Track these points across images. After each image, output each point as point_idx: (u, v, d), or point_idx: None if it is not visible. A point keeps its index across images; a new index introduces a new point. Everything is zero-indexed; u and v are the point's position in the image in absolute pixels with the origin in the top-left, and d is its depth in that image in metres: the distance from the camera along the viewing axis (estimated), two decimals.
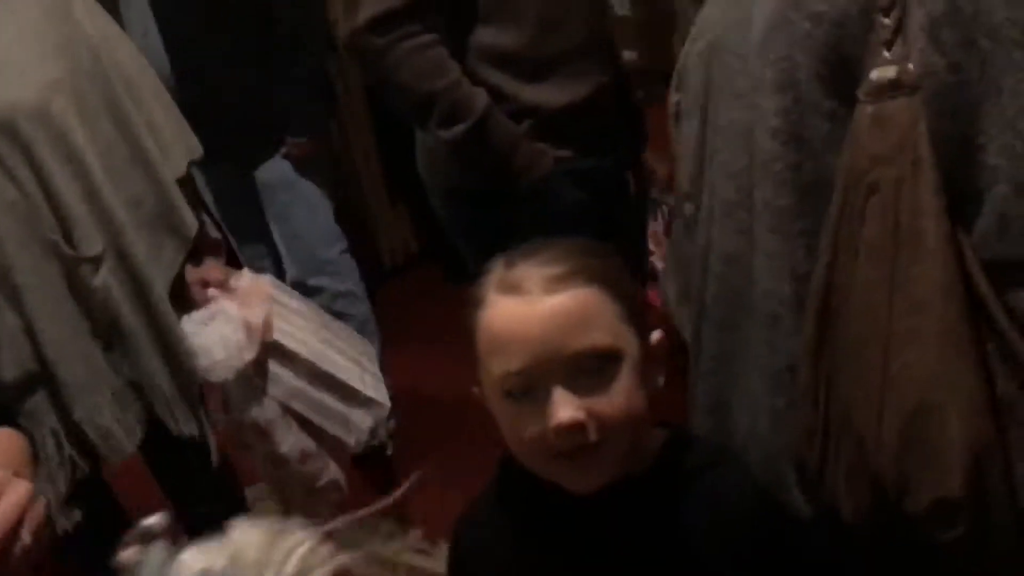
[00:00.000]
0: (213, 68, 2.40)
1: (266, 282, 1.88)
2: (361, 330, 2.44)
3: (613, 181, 1.87)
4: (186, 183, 1.77)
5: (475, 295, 0.94)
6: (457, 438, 2.43)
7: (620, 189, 1.91)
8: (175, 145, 1.74)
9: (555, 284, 0.89)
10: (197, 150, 1.81)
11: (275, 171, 2.49)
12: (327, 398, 1.81)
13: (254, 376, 1.74)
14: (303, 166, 2.48)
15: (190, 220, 1.71)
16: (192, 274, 1.75)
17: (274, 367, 1.76)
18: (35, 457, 1.14)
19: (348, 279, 2.56)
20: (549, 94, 1.73)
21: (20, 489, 0.85)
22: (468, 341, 0.95)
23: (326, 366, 1.78)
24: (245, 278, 1.85)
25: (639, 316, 0.94)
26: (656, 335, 0.96)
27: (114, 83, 1.62)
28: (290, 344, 1.75)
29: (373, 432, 1.92)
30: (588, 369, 0.88)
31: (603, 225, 1.78)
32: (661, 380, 0.97)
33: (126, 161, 1.63)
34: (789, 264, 0.96)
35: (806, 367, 0.94)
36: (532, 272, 0.90)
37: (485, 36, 1.71)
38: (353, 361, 1.89)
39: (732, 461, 1.01)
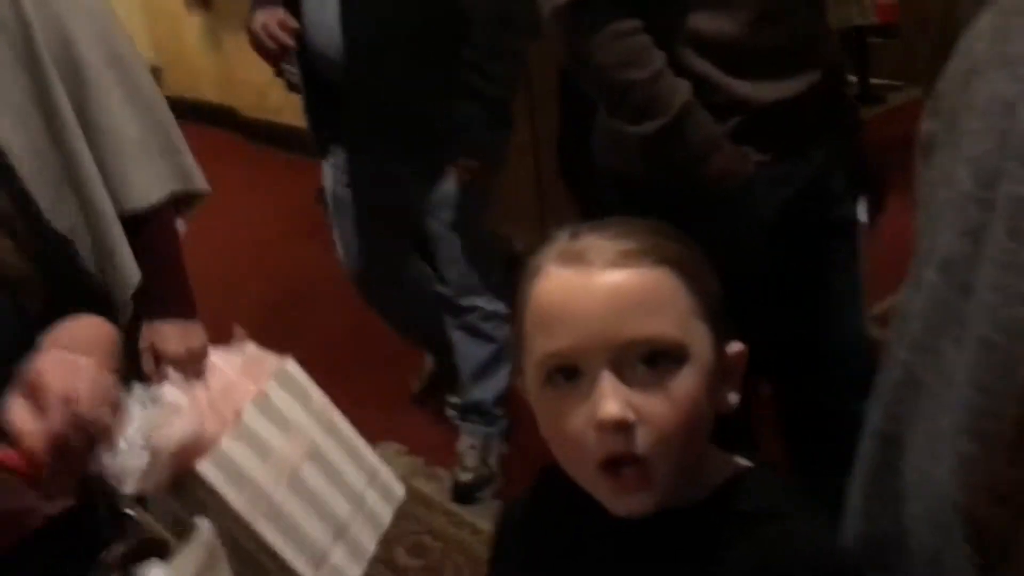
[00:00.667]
0: (390, 61, 2.22)
1: (267, 372, 1.37)
2: (498, 356, 2.45)
3: (816, 185, 1.71)
4: (158, 216, 1.30)
5: (531, 265, 0.83)
6: None
7: (825, 193, 1.74)
8: (145, 166, 1.26)
9: (623, 259, 0.78)
10: (189, 179, 1.32)
11: (443, 189, 2.35)
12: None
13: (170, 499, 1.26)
14: (471, 187, 2.35)
15: (129, 271, 1.24)
16: (145, 336, 1.29)
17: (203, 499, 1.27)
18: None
19: (500, 301, 2.46)
20: (761, 89, 1.60)
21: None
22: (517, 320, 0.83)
23: (270, 532, 1.26)
24: (239, 362, 1.36)
25: (717, 318, 0.81)
26: (735, 346, 0.84)
27: (48, 73, 1.14)
28: (226, 490, 1.24)
29: None
30: (647, 362, 0.76)
31: (801, 235, 1.68)
32: (735, 399, 0.83)
33: (57, 177, 1.17)
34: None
35: (1014, 407, 0.80)
36: (599, 244, 0.79)
37: (698, 22, 1.58)
38: (335, 525, 1.35)
39: (804, 515, 0.83)
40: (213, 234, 3.28)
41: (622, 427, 0.74)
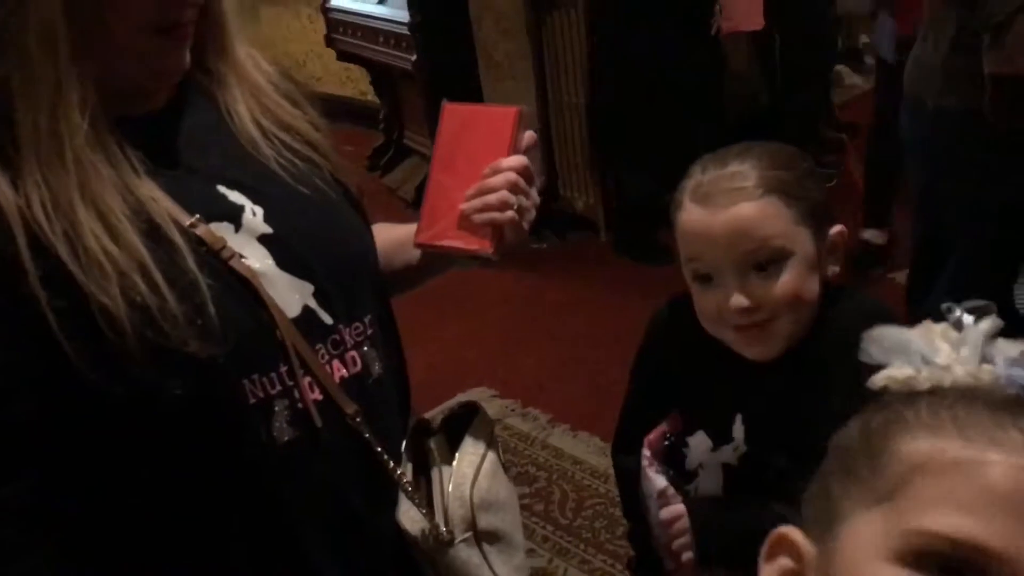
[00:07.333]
0: None
1: None
2: None
3: None
4: None
5: (677, 197, 1.14)
6: None
7: None
8: None
9: (737, 196, 1.08)
10: None
11: None
12: None
13: None
14: None
15: None
16: None
17: None
18: None
19: None
20: None
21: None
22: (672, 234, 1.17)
23: None
24: None
25: (817, 215, 1.10)
26: (836, 228, 1.13)
27: None
28: None
29: None
30: (760, 264, 1.07)
31: None
32: (836, 268, 1.14)
33: None
34: None
35: None
36: (720, 185, 1.09)
37: None
38: None
39: (866, 303, 1.15)
40: None
41: (746, 312, 1.08)
